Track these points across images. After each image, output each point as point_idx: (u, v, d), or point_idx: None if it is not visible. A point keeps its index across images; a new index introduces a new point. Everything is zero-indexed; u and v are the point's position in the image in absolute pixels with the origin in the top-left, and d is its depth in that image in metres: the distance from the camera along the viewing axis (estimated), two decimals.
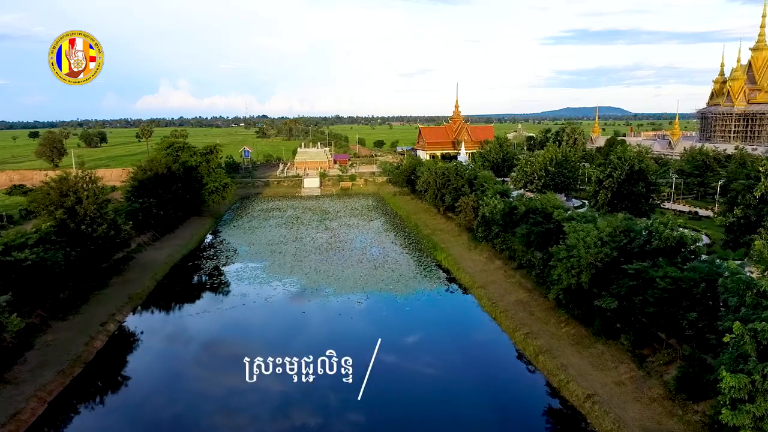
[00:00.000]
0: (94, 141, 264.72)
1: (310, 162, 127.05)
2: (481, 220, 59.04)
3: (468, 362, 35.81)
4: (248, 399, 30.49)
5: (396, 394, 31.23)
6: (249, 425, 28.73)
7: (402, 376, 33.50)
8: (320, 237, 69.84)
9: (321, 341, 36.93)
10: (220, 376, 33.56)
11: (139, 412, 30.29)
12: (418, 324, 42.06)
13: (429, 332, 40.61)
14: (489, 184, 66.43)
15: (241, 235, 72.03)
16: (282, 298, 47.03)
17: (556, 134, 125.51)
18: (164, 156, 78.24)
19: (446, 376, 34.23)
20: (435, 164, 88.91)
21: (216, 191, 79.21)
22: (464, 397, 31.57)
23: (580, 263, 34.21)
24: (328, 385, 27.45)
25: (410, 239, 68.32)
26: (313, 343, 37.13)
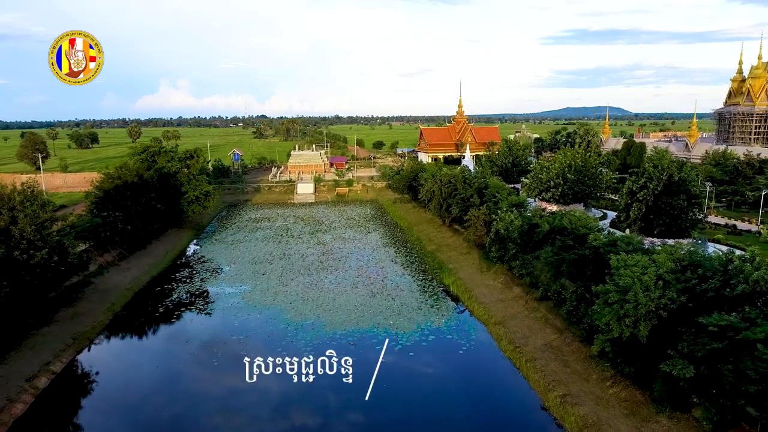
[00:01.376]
0: (84, 142, 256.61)
1: (305, 166, 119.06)
2: (495, 237, 51.15)
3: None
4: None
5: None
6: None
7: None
8: (311, 253, 61.89)
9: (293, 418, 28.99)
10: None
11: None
12: (422, 377, 34.04)
13: (436, 389, 32.59)
14: (502, 195, 58.50)
15: (223, 250, 64.04)
16: (258, 338, 39.03)
17: (568, 136, 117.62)
18: (138, 162, 70.33)
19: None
20: (439, 169, 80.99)
21: (196, 201, 71.24)
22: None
23: (637, 311, 26.27)
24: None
25: (412, 256, 60.36)
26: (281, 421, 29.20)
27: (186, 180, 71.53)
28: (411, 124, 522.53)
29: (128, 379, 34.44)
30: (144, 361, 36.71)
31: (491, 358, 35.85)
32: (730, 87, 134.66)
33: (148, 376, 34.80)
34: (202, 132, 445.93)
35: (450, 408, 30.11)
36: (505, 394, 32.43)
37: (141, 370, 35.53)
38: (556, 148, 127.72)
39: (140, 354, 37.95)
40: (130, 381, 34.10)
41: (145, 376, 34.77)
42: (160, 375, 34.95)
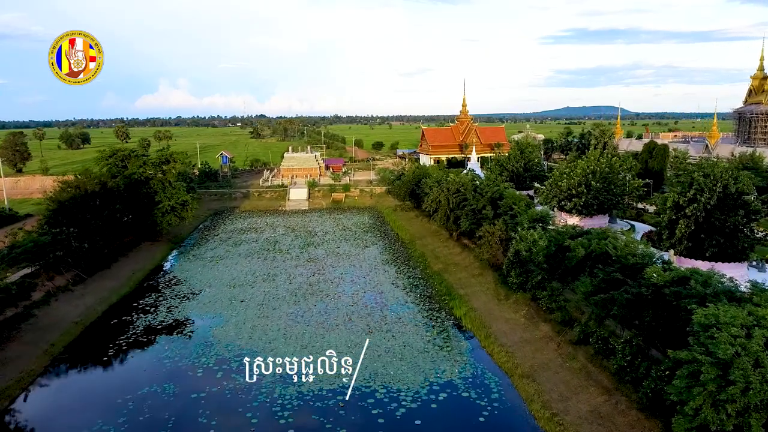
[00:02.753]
0: (75, 142, 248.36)
1: (299, 169, 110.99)
2: (514, 259, 43.14)
3: None
4: None
5: None
6: None
7: None
8: (300, 274, 53.89)
9: None
10: None
11: None
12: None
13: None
14: (520, 207, 50.46)
15: (199, 269, 56.00)
16: (222, 398, 30.97)
17: (581, 137, 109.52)
18: (106, 167, 62.34)
19: None
20: (444, 175, 72.96)
21: (172, 211, 63.15)
22: None
23: (747, 397, 18.29)
24: None
25: (416, 278, 52.31)
26: None
27: (161, 188, 63.43)
28: (411, 123, 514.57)
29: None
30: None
31: (521, 428, 27.79)
32: (750, 85, 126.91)
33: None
34: (198, 132, 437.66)
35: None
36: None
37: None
38: (567, 150, 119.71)
39: (71, 417, 29.83)
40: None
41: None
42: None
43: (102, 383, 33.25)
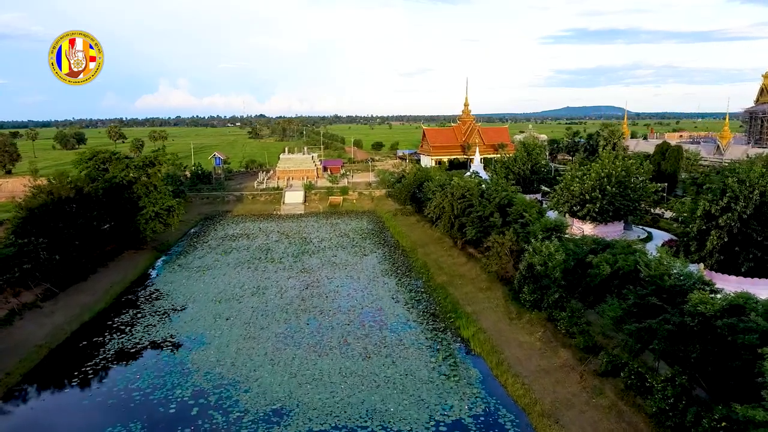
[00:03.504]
0: (70, 143, 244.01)
1: (295, 170, 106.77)
2: (527, 273, 39.02)
3: None
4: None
5: None
6: None
7: None
8: (292, 286, 49.73)
9: None
10: None
11: None
12: None
13: None
14: (531, 215, 46.26)
15: (184, 281, 51.83)
16: None
17: (589, 137, 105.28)
18: (84, 170, 58.24)
19: None
20: (448, 179, 68.84)
21: (156, 217, 58.93)
22: None
23: None
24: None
25: (418, 291, 48.11)
26: None
27: (145, 192, 59.25)
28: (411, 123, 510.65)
29: None
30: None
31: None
32: (761, 84, 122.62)
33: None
34: (197, 132, 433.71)
35: None
36: None
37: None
38: (574, 151, 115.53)
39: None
40: None
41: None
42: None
43: (60, 422, 29.05)
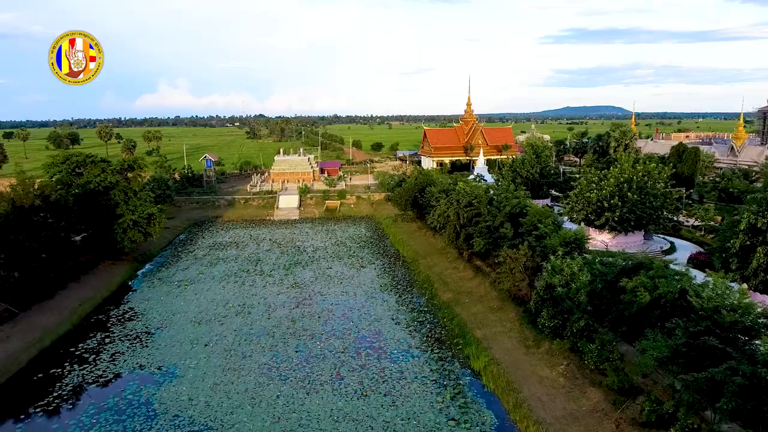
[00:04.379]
0: (64, 143, 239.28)
1: (290, 173, 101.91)
2: (546, 294, 34.25)
3: None
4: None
5: None
6: None
7: None
8: (281, 304, 44.93)
9: None
10: None
11: None
12: None
13: None
14: (546, 225, 41.38)
15: (163, 298, 47.01)
16: None
17: (598, 138, 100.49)
18: (56, 175, 53.45)
19: None
20: (452, 181, 64.07)
21: (135, 226, 54.07)
22: None
23: None
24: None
25: (421, 311, 43.27)
26: None
27: (123, 199, 54.42)
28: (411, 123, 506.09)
29: None
30: None
31: None
32: None
33: None
34: (195, 132, 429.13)
35: None
36: None
37: None
38: (581, 152, 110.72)
39: None
40: None
41: None
42: None
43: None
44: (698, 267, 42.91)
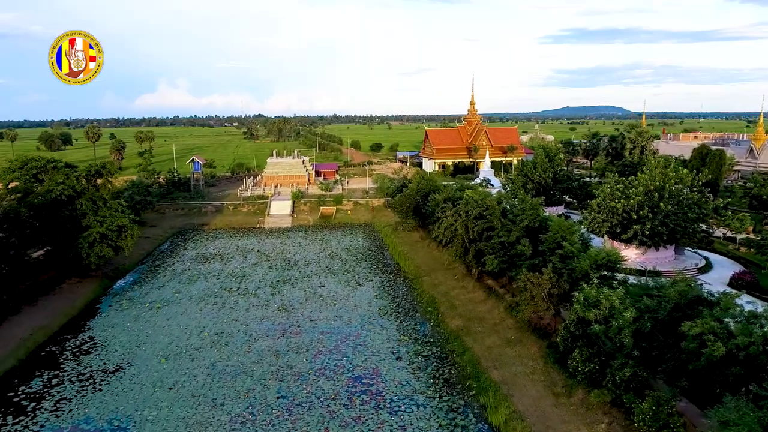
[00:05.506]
0: (55, 143, 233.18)
1: (284, 176, 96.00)
2: (577, 329, 28.35)
3: None
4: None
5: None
6: None
7: None
8: (264, 333, 38.97)
9: None
10: None
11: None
12: None
13: None
14: (573, 243, 35.38)
15: (130, 324, 41.01)
16: None
17: (612, 139, 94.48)
18: (13, 181, 47.46)
19: None
20: (458, 187, 58.14)
21: (103, 239, 48.05)
22: None
23: None
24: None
25: (426, 343, 37.24)
26: None
27: (91, 209, 48.45)
28: (410, 123, 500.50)
29: None
30: None
31: None
32: None
33: None
34: (192, 132, 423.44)
35: None
36: None
37: None
38: (593, 154, 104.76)
39: None
40: None
41: None
42: None
43: None
44: (741, 289, 36.85)
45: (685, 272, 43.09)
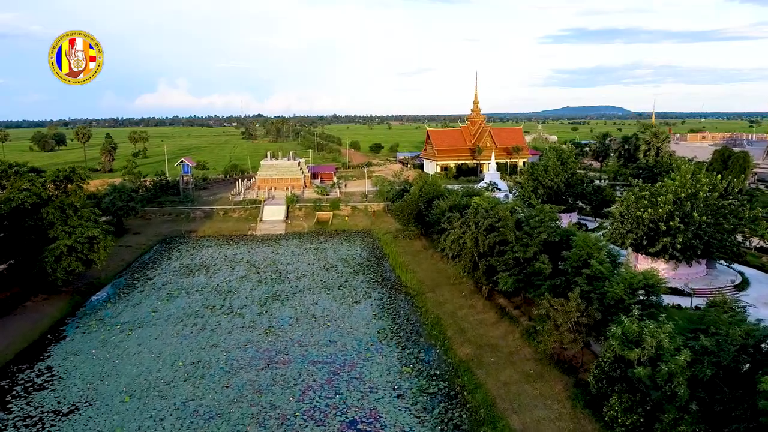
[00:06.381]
0: (49, 144, 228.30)
1: (278, 179, 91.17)
2: (613, 370, 23.64)
3: None
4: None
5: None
6: None
7: None
8: (248, 363, 34.18)
9: None
10: None
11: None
12: None
13: None
14: (602, 261, 30.55)
15: (96, 350, 36.20)
16: None
17: (624, 140, 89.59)
18: None
19: None
20: (464, 192, 53.35)
21: (73, 252, 43.22)
22: None
23: None
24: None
25: (432, 377, 32.40)
26: None
27: (59, 218, 43.66)
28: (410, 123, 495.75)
29: None
30: None
31: None
32: None
33: None
34: (190, 132, 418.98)
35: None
36: None
37: None
38: (603, 156, 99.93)
39: None
40: None
41: None
42: None
43: None
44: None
45: (723, 291, 38.43)
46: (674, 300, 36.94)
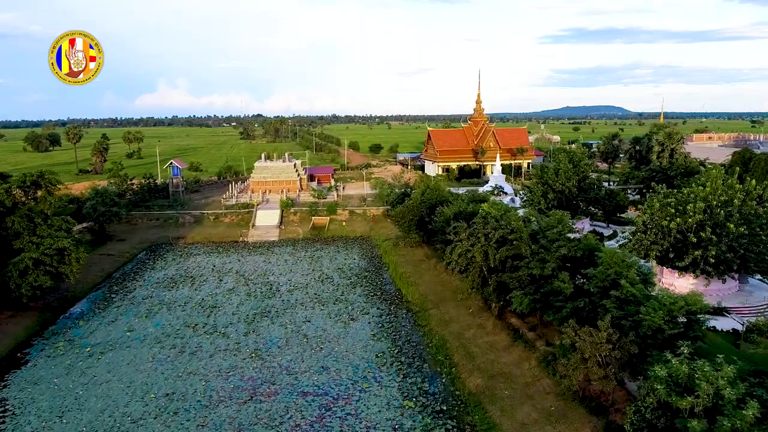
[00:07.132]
0: (43, 144, 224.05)
1: (273, 182, 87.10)
2: (656, 417, 19.68)
3: None
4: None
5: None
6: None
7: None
8: (228, 395, 30.13)
9: None
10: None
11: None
12: None
13: None
14: (632, 282, 26.50)
15: (58, 379, 32.19)
16: None
17: (635, 142, 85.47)
18: None
19: None
20: (470, 197, 49.34)
21: (40, 266, 39.14)
22: None
23: None
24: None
25: (438, 413, 28.35)
26: None
27: (26, 228, 39.63)
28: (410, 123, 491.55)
29: None
30: None
31: None
32: None
33: None
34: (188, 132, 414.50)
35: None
36: None
37: None
38: (613, 157, 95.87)
39: None
40: None
41: None
42: None
43: None
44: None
45: (765, 311, 34.45)
46: (709, 321, 32.88)
